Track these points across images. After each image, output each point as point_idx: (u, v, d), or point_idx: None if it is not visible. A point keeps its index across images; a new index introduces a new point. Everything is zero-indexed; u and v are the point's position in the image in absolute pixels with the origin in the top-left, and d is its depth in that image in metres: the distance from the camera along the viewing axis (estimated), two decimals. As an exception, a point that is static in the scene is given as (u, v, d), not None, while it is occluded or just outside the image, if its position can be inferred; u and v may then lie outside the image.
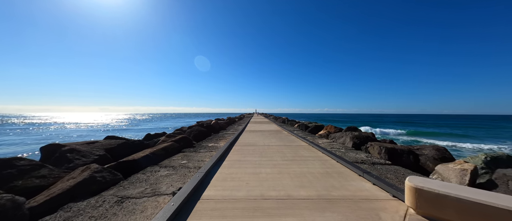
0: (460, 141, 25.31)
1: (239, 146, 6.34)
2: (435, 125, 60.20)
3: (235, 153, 5.26)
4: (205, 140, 8.41)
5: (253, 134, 9.81)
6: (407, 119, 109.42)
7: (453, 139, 27.57)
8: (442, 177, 3.73)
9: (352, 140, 6.93)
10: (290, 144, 6.63)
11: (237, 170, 3.63)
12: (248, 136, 9.05)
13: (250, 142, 7.27)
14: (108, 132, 32.44)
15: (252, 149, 5.73)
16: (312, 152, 5.36)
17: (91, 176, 2.94)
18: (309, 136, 9.86)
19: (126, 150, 5.65)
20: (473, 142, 25.37)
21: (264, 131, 11.23)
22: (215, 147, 6.70)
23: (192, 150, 6.16)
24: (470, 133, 37.31)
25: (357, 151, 5.86)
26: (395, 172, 3.91)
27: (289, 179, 3.17)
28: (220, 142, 7.84)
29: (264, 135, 9.38)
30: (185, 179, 3.38)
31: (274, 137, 8.59)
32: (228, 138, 8.98)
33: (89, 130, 35.93)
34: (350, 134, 8.13)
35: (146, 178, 3.42)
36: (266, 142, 7.23)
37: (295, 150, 5.59)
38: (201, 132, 9.78)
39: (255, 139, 8.10)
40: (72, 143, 5.26)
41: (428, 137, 30.68)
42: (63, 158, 4.40)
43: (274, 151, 5.50)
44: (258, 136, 8.99)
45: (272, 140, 7.78)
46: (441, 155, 5.64)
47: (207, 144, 7.25)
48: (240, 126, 16.03)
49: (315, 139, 8.68)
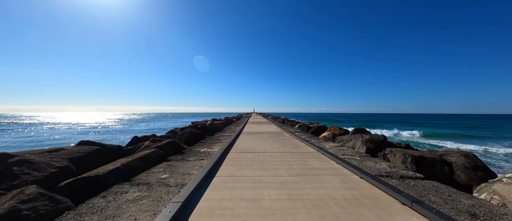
0: (481, 144, 22.26)
1: (235, 153, 5.39)
2: (443, 125, 55.34)
3: (229, 164, 4.31)
4: (198, 144, 7.45)
5: (251, 137, 8.88)
6: (408, 119, 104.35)
7: (473, 142, 24.19)
8: (504, 200, 2.82)
9: (365, 144, 6.03)
10: (295, 151, 5.70)
11: (229, 194, 2.68)
12: (246, 140, 8.11)
13: (248, 147, 6.33)
14: (97, 134, 30.59)
15: (250, 158, 4.79)
16: (324, 162, 4.44)
17: (12, 211, 1.97)
18: (313, 138, 8.96)
19: (98, 160, 4.67)
20: (495, 144, 22.14)
21: (264, 133, 10.30)
22: (207, 153, 5.76)
23: (180, 157, 5.20)
24: (482, 133, 34.38)
25: (375, 160, 4.95)
26: (437, 192, 3.00)
27: (304, 212, 2.19)
28: (214, 146, 6.89)
29: (264, 138, 8.45)
30: (158, 207, 2.43)
31: (276, 141, 7.66)
32: (224, 141, 8.04)
33: (75, 131, 33.98)
34: (361, 137, 7.24)
35: (104, 206, 2.46)
36: (267, 147, 6.29)
37: (303, 159, 4.66)
38: (194, 135, 8.81)
39: (254, 143, 7.15)
40: (27, 151, 4.25)
41: (445, 139, 26.62)
42: (7, 173, 3.41)
43: (277, 160, 4.56)
44: (257, 140, 8.05)
45: (273, 144, 6.85)
46: (472, 163, 4.75)
47: (199, 150, 6.30)
48: (238, 127, 15.09)
49: (321, 142, 7.78)
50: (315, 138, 9.25)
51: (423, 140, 26.49)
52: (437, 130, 41.13)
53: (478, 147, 19.69)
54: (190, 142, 8.31)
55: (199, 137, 9.10)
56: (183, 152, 6.02)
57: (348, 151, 5.97)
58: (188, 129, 9.44)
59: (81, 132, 34.21)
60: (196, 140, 8.66)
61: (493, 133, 35.92)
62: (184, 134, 8.70)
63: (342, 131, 11.53)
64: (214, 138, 8.97)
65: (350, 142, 7.63)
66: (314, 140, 8.17)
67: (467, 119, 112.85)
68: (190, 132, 8.88)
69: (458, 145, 21.55)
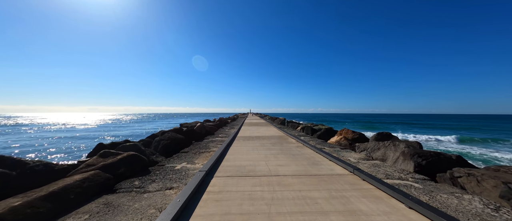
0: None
1: (223, 178, 3.48)
2: (467, 127, 47.14)
3: (211, 208, 2.41)
4: (177, 156, 5.53)
5: (248, 144, 6.99)
6: (410, 120, 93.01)
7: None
8: None
9: (411, 158, 4.20)
10: (316, 172, 3.79)
11: None
12: (242, 148, 6.22)
13: (244, 164, 4.44)
14: (55, 140, 23.51)
15: (248, 192, 2.85)
16: (375, 201, 2.58)
17: None
18: (327, 145, 7.12)
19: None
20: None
21: (263, 138, 8.43)
22: (183, 172, 3.86)
23: (137, 184, 3.28)
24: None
25: (444, 187, 3.13)
26: None
27: None
28: (198, 159, 4.99)
29: (265, 146, 6.58)
30: None
31: (281, 151, 5.80)
32: (213, 150, 6.13)
33: (33, 136, 28.50)
34: (394, 147, 5.44)
35: None
36: (272, 164, 4.39)
37: (338, 193, 2.77)
38: (174, 142, 6.88)
39: (252, 155, 5.27)
40: None
41: (499, 147, 20.80)
42: None
43: (295, 197, 2.63)
44: (255, 148, 6.17)
45: (280, 157, 4.97)
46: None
47: (174, 166, 4.39)
48: (233, 129, 13.19)
49: (339, 152, 5.96)
50: (327, 144, 7.42)
51: (471, 149, 18.92)
52: (472, 134, 32.75)
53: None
54: (169, 152, 6.38)
55: (182, 144, 7.17)
56: (149, 170, 4.10)
57: (389, 169, 4.13)
58: (169, 134, 7.49)
59: (39, 136, 26.64)
60: (177, 148, 6.73)
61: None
62: (162, 141, 6.75)
63: (355, 135, 9.76)
64: (201, 146, 7.05)
65: (378, 151, 5.85)
66: (329, 149, 6.34)
67: (485, 119, 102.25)
68: (170, 139, 6.93)
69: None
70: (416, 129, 45.27)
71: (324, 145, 7.27)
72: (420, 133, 34.29)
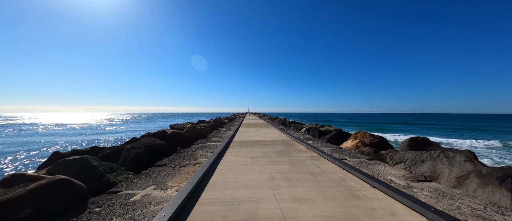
0: None
1: None
2: (489, 128, 41.01)
3: None
4: (146, 173, 3.94)
5: (246, 153, 5.43)
6: (412, 120, 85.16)
7: None
8: None
9: (506, 187, 2.68)
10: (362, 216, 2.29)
11: None
12: (237, 160, 4.66)
13: (238, 194, 2.88)
14: (14, 146, 18.08)
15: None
16: None
17: None
18: (345, 154, 5.57)
19: None
20: None
21: (265, 144, 6.88)
22: (140, 209, 2.31)
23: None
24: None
25: None
26: None
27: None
28: (172, 180, 3.42)
29: (268, 157, 5.02)
30: None
31: (291, 165, 4.25)
32: (199, 162, 4.56)
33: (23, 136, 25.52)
34: (458, 161, 3.93)
35: None
36: (283, 193, 2.82)
37: None
38: (150, 150, 5.29)
39: (251, 174, 3.71)
40: None
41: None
42: None
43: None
44: (256, 161, 4.62)
45: (293, 181, 3.41)
46: None
47: (132, 195, 2.82)
48: (229, 131, 11.62)
49: (368, 165, 4.42)
50: (347, 153, 5.86)
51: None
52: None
53: None
54: (141, 165, 4.80)
55: (162, 153, 5.58)
56: (86, 205, 2.53)
57: (474, 204, 2.60)
58: (145, 139, 5.88)
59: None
60: (154, 158, 5.15)
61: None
62: (133, 151, 5.16)
63: (374, 138, 8.25)
64: (186, 155, 5.46)
65: (422, 165, 4.33)
66: (352, 160, 4.79)
67: (498, 119, 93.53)
68: (145, 146, 5.34)
69: None
70: (439, 131, 35.84)
71: (342, 153, 5.73)
72: (447, 135, 27.34)
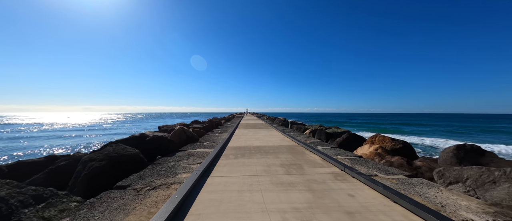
0: None
1: None
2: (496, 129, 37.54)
3: None
4: (101, 198, 2.58)
5: (242, 168, 4.06)
6: (414, 120, 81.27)
7: None
8: None
9: None
10: None
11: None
12: (230, 180, 3.30)
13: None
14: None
15: None
16: None
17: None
18: (370, 166, 4.25)
19: None
20: None
21: (267, 153, 5.52)
22: None
23: None
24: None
25: None
26: None
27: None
28: (127, 218, 2.09)
29: (272, 171, 3.66)
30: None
31: (311, 193, 2.91)
32: (177, 182, 3.19)
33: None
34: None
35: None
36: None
37: None
38: (114, 166, 3.92)
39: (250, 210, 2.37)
40: None
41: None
42: None
43: None
44: (257, 179, 3.27)
45: None
46: None
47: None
48: (225, 133, 10.27)
49: (411, 186, 3.11)
50: (373, 165, 4.53)
51: None
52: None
53: None
54: (97, 185, 3.45)
55: (133, 165, 4.21)
56: None
57: None
58: (111, 148, 4.48)
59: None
60: (118, 175, 3.79)
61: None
62: (89, 165, 3.78)
63: (396, 144, 6.94)
64: (163, 169, 4.06)
65: (495, 188, 3.05)
66: (390, 177, 3.48)
67: (501, 119, 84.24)
68: (108, 159, 3.96)
69: None
70: (455, 135, 30.78)
71: (366, 165, 4.41)
72: (465, 137, 23.07)
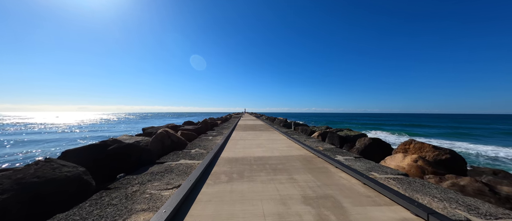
0: None
1: None
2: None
3: None
4: None
5: (238, 205, 2.50)
6: (416, 121, 75.62)
7: None
8: None
9: None
10: None
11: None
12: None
13: None
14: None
15: None
16: None
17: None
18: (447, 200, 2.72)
19: None
20: None
21: (273, 166, 3.95)
22: None
23: None
24: None
25: None
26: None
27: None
28: None
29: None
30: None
31: None
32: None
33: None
34: None
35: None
36: None
37: None
38: (24, 200, 2.35)
39: None
40: None
41: None
42: None
43: None
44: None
45: None
46: None
47: None
48: (220, 136, 8.70)
49: None
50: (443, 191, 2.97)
51: None
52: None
53: None
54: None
55: (51, 205, 2.64)
56: None
57: None
58: (36, 167, 2.90)
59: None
60: (32, 217, 2.23)
61: None
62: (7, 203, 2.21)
63: (441, 154, 5.37)
64: (113, 204, 2.49)
65: None
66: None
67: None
68: (18, 187, 2.40)
69: None
70: (484, 138, 26.62)
71: (430, 193, 2.86)
72: (489, 142, 20.62)
